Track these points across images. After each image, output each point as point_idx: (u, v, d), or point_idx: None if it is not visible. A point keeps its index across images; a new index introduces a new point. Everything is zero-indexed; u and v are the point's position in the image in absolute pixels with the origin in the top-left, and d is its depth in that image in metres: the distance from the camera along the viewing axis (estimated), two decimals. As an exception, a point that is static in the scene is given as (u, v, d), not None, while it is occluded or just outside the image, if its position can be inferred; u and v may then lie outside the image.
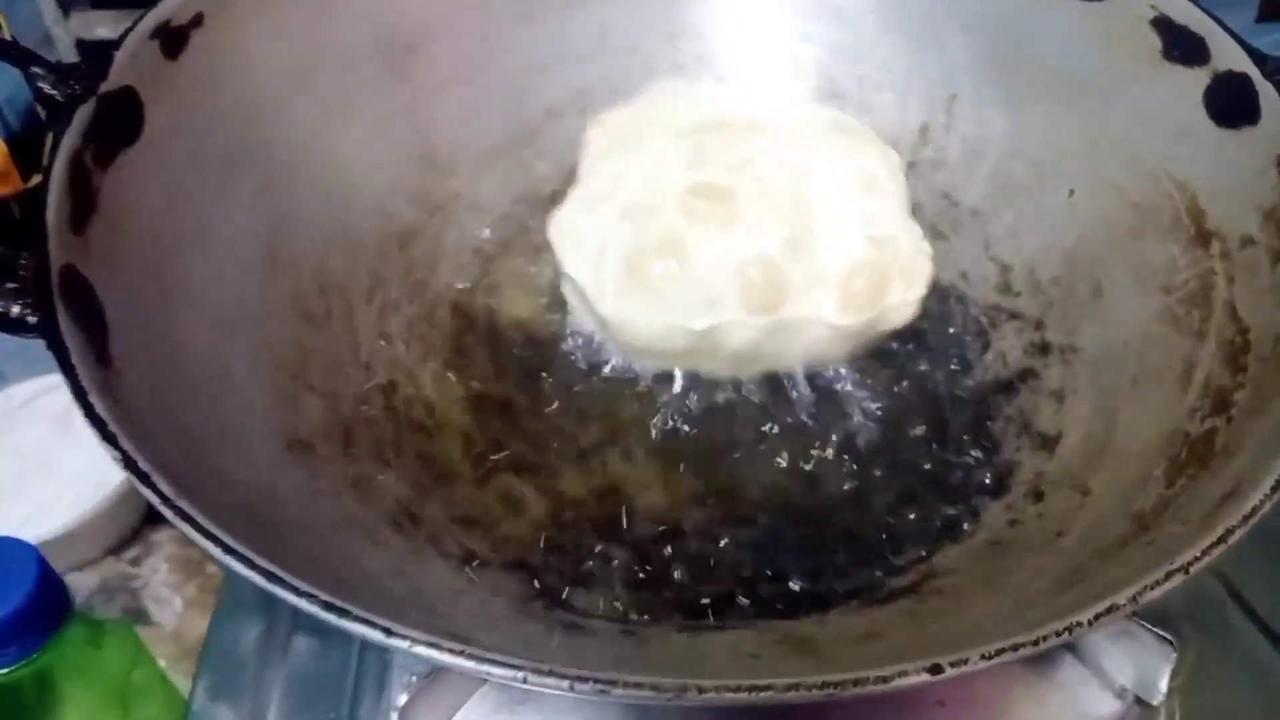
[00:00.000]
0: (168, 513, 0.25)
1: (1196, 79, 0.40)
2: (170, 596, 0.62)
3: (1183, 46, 0.41)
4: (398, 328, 0.43)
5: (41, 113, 0.70)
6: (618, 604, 0.35)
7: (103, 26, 0.63)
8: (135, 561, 0.63)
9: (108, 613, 0.60)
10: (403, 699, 0.35)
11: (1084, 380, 0.41)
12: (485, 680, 0.34)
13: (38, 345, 0.29)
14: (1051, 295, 0.44)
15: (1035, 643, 0.24)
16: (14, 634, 0.38)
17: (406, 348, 0.42)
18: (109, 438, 0.26)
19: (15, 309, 0.29)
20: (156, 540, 0.64)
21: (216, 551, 0.25)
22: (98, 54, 0.36)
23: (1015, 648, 0.24)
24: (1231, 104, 0.39)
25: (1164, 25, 0.42)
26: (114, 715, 0.43)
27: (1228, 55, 0.40)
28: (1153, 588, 0.25)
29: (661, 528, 0.38)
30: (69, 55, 0.64)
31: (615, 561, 0.37)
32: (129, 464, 0.26)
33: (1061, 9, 0.45)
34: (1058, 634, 0.25)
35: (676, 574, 0.36)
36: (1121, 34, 0.43)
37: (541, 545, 0.37)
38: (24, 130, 0.71)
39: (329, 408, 0.39)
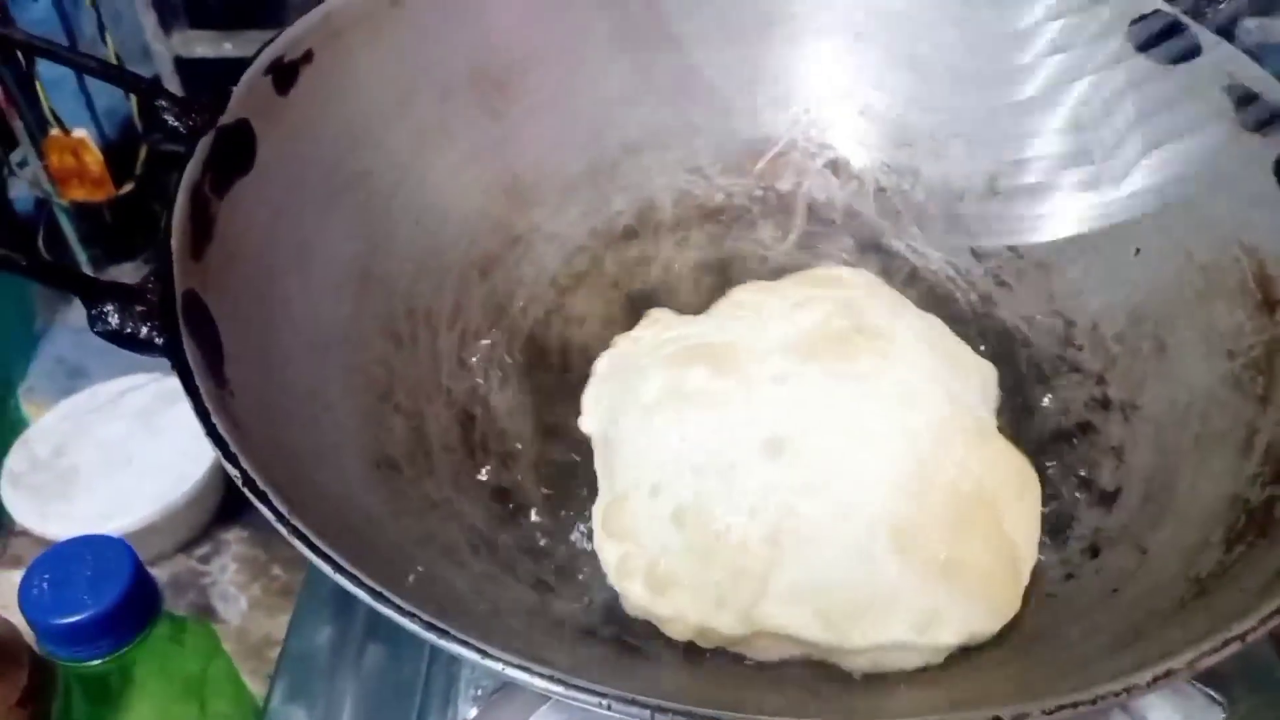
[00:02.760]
0: (283, 530, 0.27)
1: (1269, 147, 0.41)
2: (237, 595, 0.64)
3: (1257, 115, 0.42)
4: (476, 354, 0.44)
5: (138, 124, 0.73)
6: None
7: (201, 45, 0.65)
8: (205, 559, 0.66)
9: (177, 608, 0.63)
10: (472, 712, 0.36)
11: (1144, 439, 0.41)
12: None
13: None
14: (1114, 351, 0.44)
15: (1093, 701, 0.25)
16: (107, 629, 0.40)
17: (484, 375, 0.44)
18: (230, 457, 0.28)
19: (144, 330, 0.31)
20: (225, 539, 0.67)
21: (327, 568, 0.26)
22: (196, 73, 0.38)
23: (1074, 705, 0.25)
24: (1303, 176, 0.40)
25: (1239, 93, 0.42)
26: (191, 708, 0.45)
27: (1301, 127, 0.40)
28: (1210, 654, 0.26)
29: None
30: (167, 72, 0.67)
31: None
32: (248, 482, 0.28)
33: (1136, 70, 0.46)
34: (1115, 694, 0.26)
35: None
36: (1196, 99, 0.44)
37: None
38: (119, 140, 0.75)
39: (413, 429, 0.40)
